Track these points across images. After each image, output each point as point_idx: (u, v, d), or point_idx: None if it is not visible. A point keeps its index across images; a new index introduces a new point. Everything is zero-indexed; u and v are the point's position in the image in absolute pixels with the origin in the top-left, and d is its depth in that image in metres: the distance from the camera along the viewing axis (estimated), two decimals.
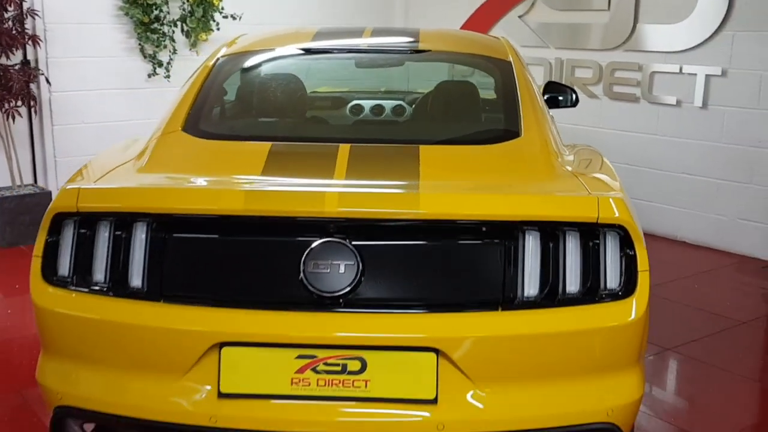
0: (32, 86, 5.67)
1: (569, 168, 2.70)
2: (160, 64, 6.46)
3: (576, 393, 2.28)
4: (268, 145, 2.70)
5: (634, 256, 2.31)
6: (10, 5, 5.31)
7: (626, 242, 2.31)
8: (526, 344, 2.23)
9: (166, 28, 6.37)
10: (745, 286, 5.05)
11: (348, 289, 2.20)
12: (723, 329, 4.30)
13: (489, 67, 3.35)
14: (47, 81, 5.78)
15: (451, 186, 2.45)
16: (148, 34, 6.30)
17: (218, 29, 6.58)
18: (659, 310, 4.47)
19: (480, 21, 7.25)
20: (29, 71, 5.60)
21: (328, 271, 2.20)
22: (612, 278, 2.29)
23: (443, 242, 2.27)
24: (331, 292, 2.20)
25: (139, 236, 2.29)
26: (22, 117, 5.78)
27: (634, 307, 2.27)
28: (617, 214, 2.28)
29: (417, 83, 4.05)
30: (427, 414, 2.18)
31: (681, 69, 5.84)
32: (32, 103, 5.68)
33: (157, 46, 6.39)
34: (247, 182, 2.45)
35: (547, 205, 2.31)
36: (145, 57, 6.42)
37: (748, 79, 5.48)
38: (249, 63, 3.44)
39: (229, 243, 2.30)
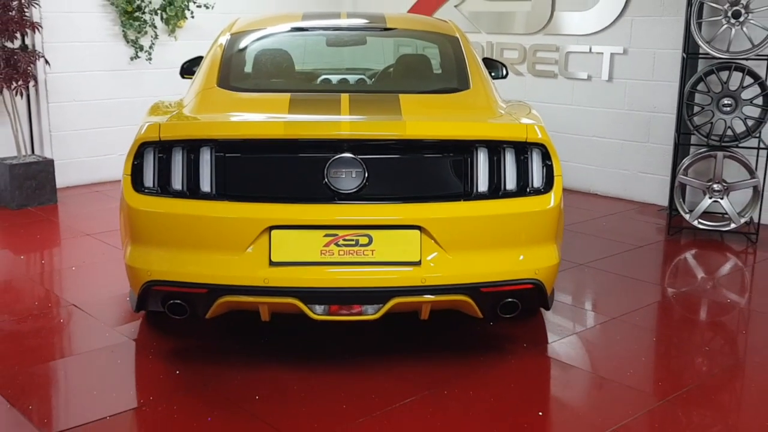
0: (32, 67, 6.44)
1: (506, 110, 3.75)
2: (141, 48, 7.29)
3: (513, 258, 3.33)
4: (287, 95, 3.68)
5: (552, 165, 3.39)
6: None
7: (546, 156, 3.37)
8: (480, 223, 3.27)
9: (147, 17, 7.20)
10: (644, 223, 6.22)
11: (358, 188, 3.19)
12: (625, 251, 5.45)
13: (441, 41, 4.38)
14: (47, 62, 6.55)
15: (425, 117, 3.47)
16: (131, 21, 7.12)
17: (193, 17, 7.45)
18: (575, 240, 5.60)
19: (420, 10, 8.28)
20: (32, 54, 6.38)
21: (344, 176, 3.20)
22: (536, 180, 3.36)
23: (422, 155, 3.30)
24: (347, 190, 3.19)
25: (206, 156, 3.23)
26: (27, 94, 6.56)
27: (552, 198, 3.35)
28: (540, 136, 3.35)
29: (383, 58, 5.06)
30: (414, 271, 3.20)
31: (590, 49, 6.99)
32: (33, 82, 6.46)
33: (138, 32, 7.22)
34: (281, 117, 3.42)
35: (493, 130, 3.36)
36: (128, 42, 7.24)
37: (644, 56, 6.65)
38: (255, 38, 4.37)
39: (274, 159, 3.27)
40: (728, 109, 5.61)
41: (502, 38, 7.67)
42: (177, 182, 3.25)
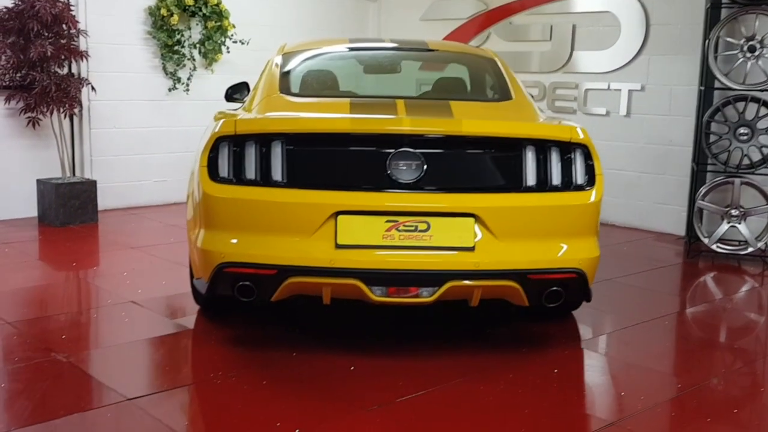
0: (79, 93, 6.78)
1: (547, 118, 4.06)
2: (179, 80, 7.65)
3: (558, 248, 3.58)
4: (346, 99, 3.99)
5: (593, 165, 3.67)
6: (74, 26, 6.46)
7: (588, 156, 3.66)
8: (528, 213, 3.53)
9: (186, 50, 7.58)
10: (663, 249, 6.47)
11: (417, 178, 3.46)
12: (646, 270, 5.69)
13: (480, 61, 4.71)
14: (93, 89, 6.89)
15: (477, 118, 3.77)
16: (170, 54, 7.50)
17: (228, 52, 7.83)
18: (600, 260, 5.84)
19: None
20: (80, 81, 6.73)
21: (404, 168, 3.47)
22: (579, 177, 3.63)
23: (475, 151, 3.58)
24: (407, 180, 3.46)
25: (277, 148, 3.50)
26: (71, 119, 6.90)
27: (594, 194, 3.62)
28: (582, 137, 3.64)
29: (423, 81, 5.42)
30: (468, 255, 3.45)
31: (609, 86, 7.35)
32: (78, 108, 6.79)
33: (177, 65, 7.59)
34: (346, 115, 3.71)
35: (540, 129, 3.66)
36: (166, 74, 7.60)
37: (661, 92, 7.00)
38: (307, 57, 4.68)
39: (340, 151, 3.55)
40: (745, 137, 5.93)
41: (523, 76, 7.98)
42: (251, 172, 3.52)
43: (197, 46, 7.66)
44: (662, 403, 3.34)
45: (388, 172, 3.47)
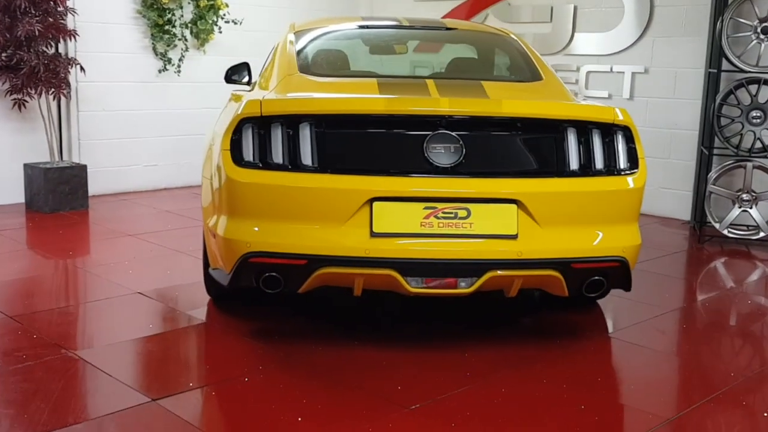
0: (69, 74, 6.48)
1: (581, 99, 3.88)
2: (170, 62, 7.35)
3: (604, 235, 3.42)
4: (373, 79, 3.78)
5: (635, 148, 3.51)
6: (62, 3, 6.15)
7: (630, 139, 3.50)
8: (573, 199, 3.37)
9: (177, 30, 7.29)
10: (671, 234, 6.37)
11: (456, 162, 3.27)
12: (660, 255, 5.58)
13: (503, 42, 4.52)
14: (82, 70, 6.58)
15: (515, 98, 3.58)
16: (161, 34, 7.20)
17: (221, 32, 7.55)
18: None
19: None
20: (69, 61, 6.42)
21: (443, 151, 3.28)
22: (622, 160, 3.47)
23: (515, 133, 3.40)
24: (445, 164, 3.27)
25: (306, 130, 3.28)
26: (58, 102, 6.59)
27: (639, 179, 3.46)
28: (621, 118, 3.47)
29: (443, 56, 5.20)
30: (511, 244, 3.28)
31: (611, 68, 7.20)
32: (68, 89, 6.48)
33: (168, 46, 7.30)
34: (379, 95, 3.50)
35: (583, 110, 3.49)
36: (156, 55, 7.31)
37: (665, 75, 6.88)
38: (321, 35, 4.45)
39: (373, 134, 3.35)
40: (758, 121, 5.83)
41: None
42: (278, 156, 3.30)
43: (189, 25, 7.38)
44: (719, 396, 3.20)
45: (426, 155, 3.27)
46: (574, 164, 3.39)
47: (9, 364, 3.30)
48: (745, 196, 5.93)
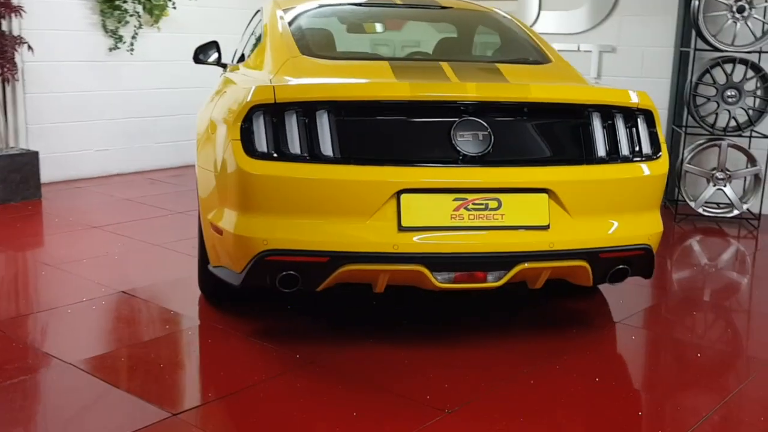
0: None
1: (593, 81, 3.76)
2: (121, 39, 6.92)
3: (630, 223, 3.32)
4: (384, 62, 3.56)
5: (656, 132, 3.41)
6: None
7: (651, 123, 3.39)
8: (603, 187, 3.25)
9: (128, 6, 6.86)
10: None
11: (485, 150, 3.11)
12: None
13: (502, 23, 4.36)
14: (30, 49, 6.11)
15: (539, 83, 3.43)
16: (111, 10, 6.76)
17: (174, 8, 7.15)
18: None
19: None
20: (17, 40, 5.95)
21: (471, 138, 3.11)
22: (645, 145, 3.37)
23: (542, 119, 3.25)
24: (474, 153, 3.10)
25: (324, 118, 3.05)
26: (11, 81, 6.12)
27: (663, 164, 3.36)
28: (643, 101, 3.36)
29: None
30: (543, 235, 3.14)
31: (579, 47, 7.14)
32: (15, 70, 6.02)
33: (119, 22, 6.86)
34: (401, 80, 3.28)
35: (610, 94, 3.36)
36: (106, 32, 6.87)
37: (634, 54, 6.85)
38: (311, 12, 4.20)
39: (398, 121, 3.14)
40: (732, 100, 5.85)
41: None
42: (295, 146, 3.06)
43: (141, 0, 6.95)
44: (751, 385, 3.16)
45: (454, 143, 3.09)
46: (601, 151, 3.27)
47: (0, 379, 2.99)
48: (719, 175, 5.97)
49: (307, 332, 3.55)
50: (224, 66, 5.19)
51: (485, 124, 3.12)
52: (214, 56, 4.97)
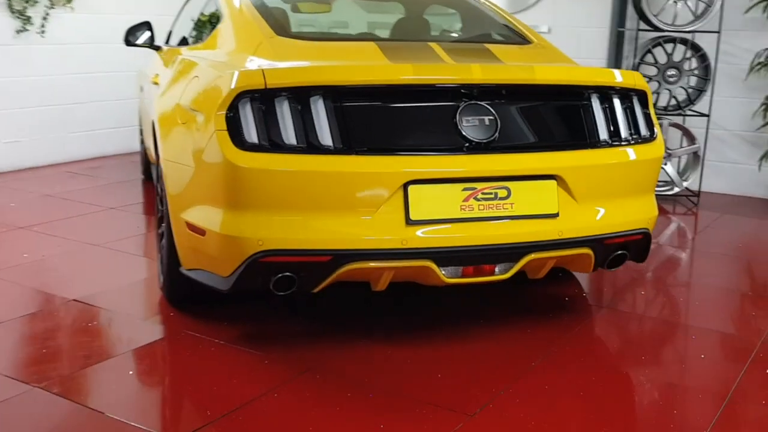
0: None
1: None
2: (29, 21, 6.34)
3: (631, 208, 3.23)
4: (370, 43, 3.31)
5: (649, 113, 3.33)
6: None
7: (645, 104, 3.31)
8: (607, 171, 3.13)
9: None
10: None
11: (492, 137, 2.93)
12: None
13: (472, 6, 4.19)
14: None
15: (531, 63, 3.26)
16: None
17: None
18: None
19: None
20: None
21: (477, 124, 2.92)
22: (642, 127, 3.28)
23: (545, 102, 3.11)
24: (481, 139, 2.91)
25: (320, 105, 2.79)
26: None
27: (659, 146, 3.29)
28: (639, 82, 3.27)
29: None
30: (552, 223, 2.99)
31: None
32: None
33: (26, 2, 6.28)
34: (399, 61, 3.04)
35: (607, 75, 3.24)
36: (12, 12, 6.27)
37: (569, 34, 6.84)
38: None
39: (399, 107, 2.92)
40: (673, 79, 5.91)
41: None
42: (289, 136, 2.79)
43: None
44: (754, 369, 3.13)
45: (460, 129, 2.89)
46: (604, 134, 3.16)
47: None
48: None
49: (294, 336, 3.29)
50: (157, 48, 4.82)
51: (490, 108, 2.94)
52: (145, 36, 4.62)
